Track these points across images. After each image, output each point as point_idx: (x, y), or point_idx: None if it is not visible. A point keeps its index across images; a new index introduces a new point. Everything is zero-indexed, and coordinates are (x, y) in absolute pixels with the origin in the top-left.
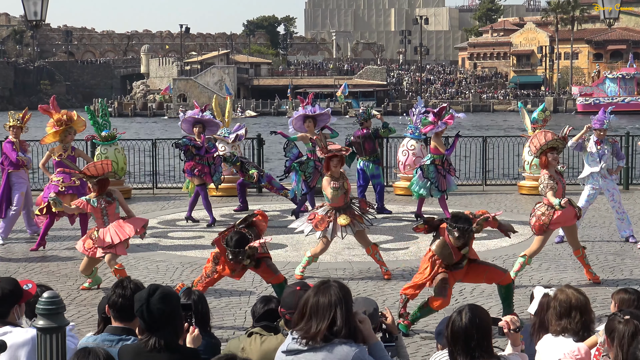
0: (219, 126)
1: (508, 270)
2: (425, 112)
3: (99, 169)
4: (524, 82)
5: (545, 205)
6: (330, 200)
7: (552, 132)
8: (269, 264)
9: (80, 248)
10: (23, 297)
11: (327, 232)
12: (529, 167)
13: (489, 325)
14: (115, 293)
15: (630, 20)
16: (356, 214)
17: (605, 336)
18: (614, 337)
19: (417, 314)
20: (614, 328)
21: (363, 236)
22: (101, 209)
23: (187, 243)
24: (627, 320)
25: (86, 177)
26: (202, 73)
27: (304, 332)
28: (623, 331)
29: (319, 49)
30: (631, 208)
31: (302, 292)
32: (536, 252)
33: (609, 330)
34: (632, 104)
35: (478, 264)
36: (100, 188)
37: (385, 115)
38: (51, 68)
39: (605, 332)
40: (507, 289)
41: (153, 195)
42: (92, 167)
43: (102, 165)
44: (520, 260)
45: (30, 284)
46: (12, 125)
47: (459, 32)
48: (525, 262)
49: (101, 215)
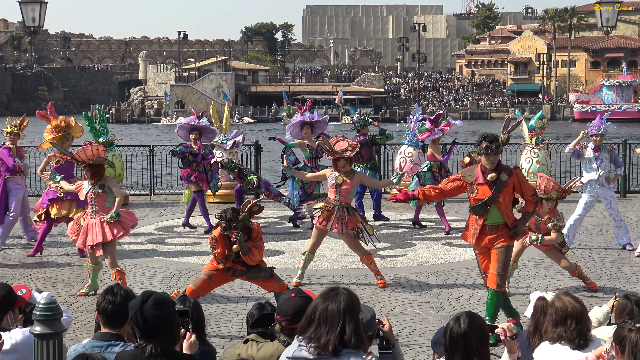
0: (215, 133)
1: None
2: (422, 120)
3: (88, 154)
4: (522, 89)
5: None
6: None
7: (555, 182)
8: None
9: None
10: (17, 303)
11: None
12: (526, 174)
13: (487, 332)
14: (105, 300)
15: (627, 28)
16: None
17: (614, 344)
18: (625, 345)
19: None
20: (625, 336)
21: (357, 245)
22: (90, 198)
23: (185, 249)
24: (638, 328)
25: (77, 162)
26: (199, 79)
27: (314, 341)
28: (635, 340)
29: (316, 55)
30: (628, 215)
31: (297, 298)
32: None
33: (619, 339)
34: (628, 111)
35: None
36: (92, 175)
37: (383, 123)
38: (49, 74)
39: (614, 340)
40: (491, 294)
41: (150, 202)
42: (82, 152)
43: (92, 149)
44: None
45: (24, 289)
46: (9, 131)
47: (456, 40)
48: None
49: (90, 204)
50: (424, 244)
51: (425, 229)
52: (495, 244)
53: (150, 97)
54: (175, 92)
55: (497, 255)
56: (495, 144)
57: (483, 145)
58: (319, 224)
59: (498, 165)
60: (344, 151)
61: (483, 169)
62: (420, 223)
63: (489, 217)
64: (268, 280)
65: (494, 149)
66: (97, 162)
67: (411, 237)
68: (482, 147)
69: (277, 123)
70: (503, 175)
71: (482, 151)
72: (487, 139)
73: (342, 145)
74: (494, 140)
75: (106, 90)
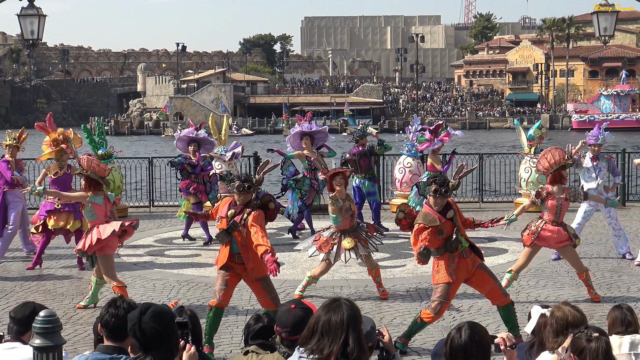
0: (214, 144)
1: (509, 295)
2: (421, 130)
3: (83, 163)
4: (520, 99)
5: (540, 219)
6: (334, 221)
7: (560, 150)
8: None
9: None
10: None
11: (330, 255)
12: (525, 184)
13: (488, 342)
14: (108, 312)
15: (625, 37)
16: (362, 237)
17: (573, 355)
18: (585, 356)
19: (412, 329)
20: (584, 347)
21: (369, 259)
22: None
23: (184, 261)
24: (597, 337)
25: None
26: (198, 91)
27: (317, 352)
28: (595, 349)
29: (315, 67)
30: (628, 225)
31: (297, 310)
32: (522, 267)
33: (578, 350)
34: (626, 120)
35: (486, 272)
36: (87, 185)
37: (382, 133)
38: (48, 87)
39: (572, 351)
40: (505, 310)
41: (150, 214)
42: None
43: (87, 160)
44: (507, 276)
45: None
46: (8, 144)
47: (454, 50)
48: (512, 278)
49: None
50: None
51: None
52: (473, 265)
53: (149, 109)
54: (174, 103)
55: (484, 272)
56: (444, 187)
57: (432, 188)
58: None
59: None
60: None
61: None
62: None
63: (462, 244)
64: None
65: (443, 193)
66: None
67: (410, 247)
68: (432, 190)
69: (277, 135)
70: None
71: (431, 193)
72: (437, 181)
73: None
74: (443, 183)
75: (105, 103)
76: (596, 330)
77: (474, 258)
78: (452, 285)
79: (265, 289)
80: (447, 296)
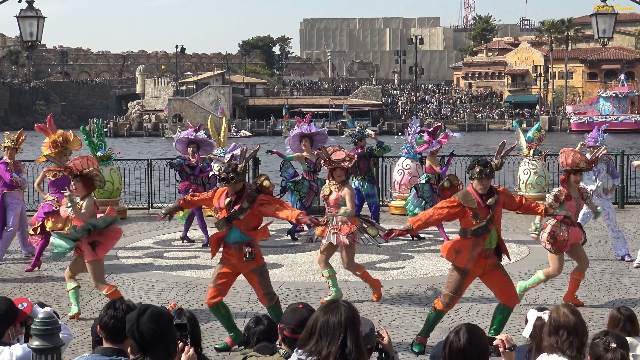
0: (213, 146)
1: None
2: (420, 132)
3: (76, 164)
4: (519, 101)
5: (557, 221)
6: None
7: (581, 154)
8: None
9: None
10: (18, 317)
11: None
12: (524, 186)
13: (487, 344)
14: (107, 314)
15: (624, 39)
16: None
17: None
18: None
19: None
20: (600, 355)
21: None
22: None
23: (183, 263)
24: (614, 349)
25: (71, 174)
26: (197, 93)
27: (315, 354)
28: None
29: (314, 68)
30: (626, 227)
31: (305, 310)
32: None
33: (595, 356)
34: (625, 122)
35: (502, 271)
36: (82, 186)
37: (381, 135)
38: (47, 88)
39: (590, 356)
40: (505, 310)
41: (148, 215)
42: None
43: (81, 160)
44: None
45: (25, 303)
46: (6, 146)
47: (453, 52)
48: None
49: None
50: (423, 256)
51: (424, 241)
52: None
53: (148, 111)
54: (173, 105)
55: (499, 271)
56: (488, 168)
57: (477, 170)
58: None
59: (490, 188)
60: (341, 161)
61: (477, 193)
62: (418, 235)
63: (489, 240)
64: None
65: (488, 174)
66: (88, 174)
67: (409, 249)
68: (476, 172)
69: (276, 137)
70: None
71: (475, 175)
72: (480, 163)
73: (340, 155)
74: (487, 164)
75: (104, 105)
76: (616, 339)
77: (493, 259)
78: (466, 278)
79: (260, 283)
80: (459, 290)
